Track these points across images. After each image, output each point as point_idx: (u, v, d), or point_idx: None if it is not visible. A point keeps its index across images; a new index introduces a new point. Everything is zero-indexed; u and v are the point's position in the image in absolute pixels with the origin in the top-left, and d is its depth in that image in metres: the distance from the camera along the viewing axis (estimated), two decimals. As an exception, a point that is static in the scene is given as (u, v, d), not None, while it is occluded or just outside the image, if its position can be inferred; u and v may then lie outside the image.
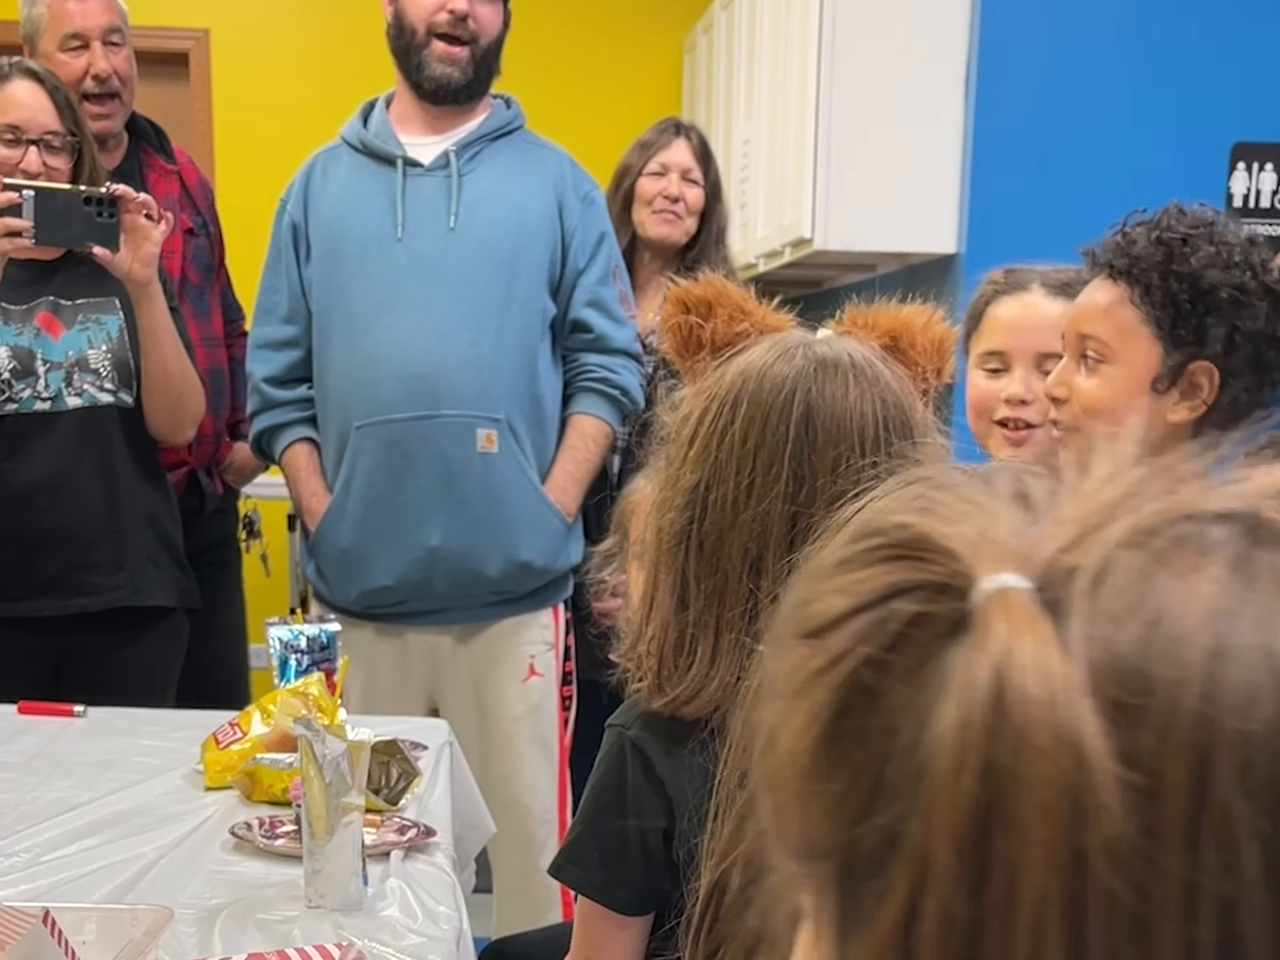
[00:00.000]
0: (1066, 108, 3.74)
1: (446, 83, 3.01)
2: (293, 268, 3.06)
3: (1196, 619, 0.50)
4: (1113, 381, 1.88)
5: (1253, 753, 0.48)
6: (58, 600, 2.81)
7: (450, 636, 3.05)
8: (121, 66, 3.22)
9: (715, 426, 1.45)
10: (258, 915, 1.68)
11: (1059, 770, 0.48)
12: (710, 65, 5.11)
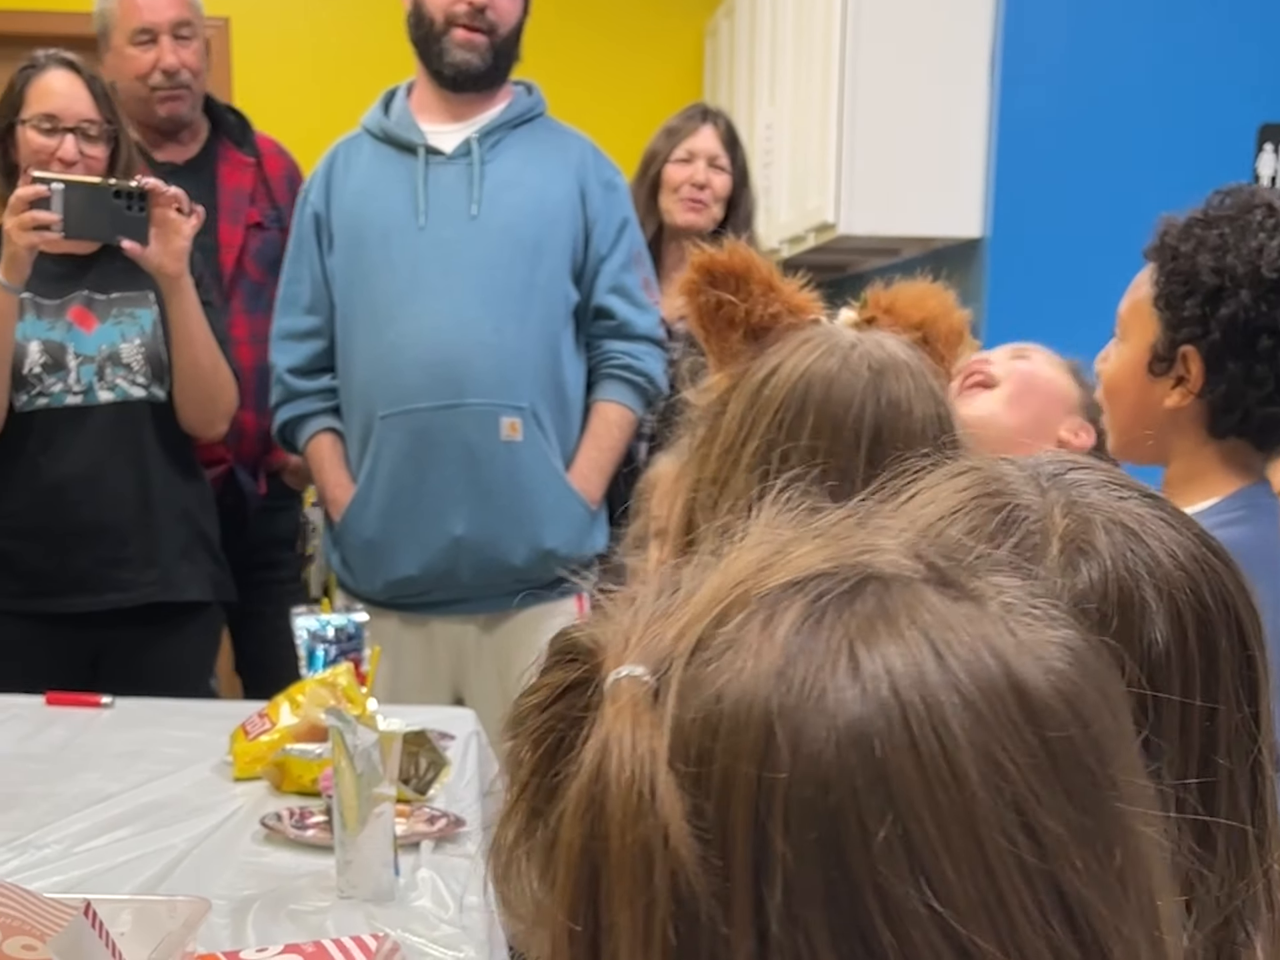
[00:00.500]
0: (1092, 90, 3.72)
1: (466, 69, 3.00)
2: (315, 258, 3.06)
3: (755, 684, 0.54)
4: (1120, 358, 1.87)
5: (794, 800, 0.52)
6: (90, 596, 2.81)
7: (475, 625, 3.04)
8: (190, 60, 3.22)
9: (777, 436, 1.41)
10: (290, 906, 1.67)
11: (638, 835, 0.53)
12: (732, 50, 5.09)
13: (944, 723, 0.53)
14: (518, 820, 0.60)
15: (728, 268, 1.59)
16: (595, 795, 0.54)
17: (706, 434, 1.48)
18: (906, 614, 0.55)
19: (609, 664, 0.58)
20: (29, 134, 2.77)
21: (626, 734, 0.55)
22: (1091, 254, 3.67)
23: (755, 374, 1.47)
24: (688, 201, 3.43)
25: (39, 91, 2.78)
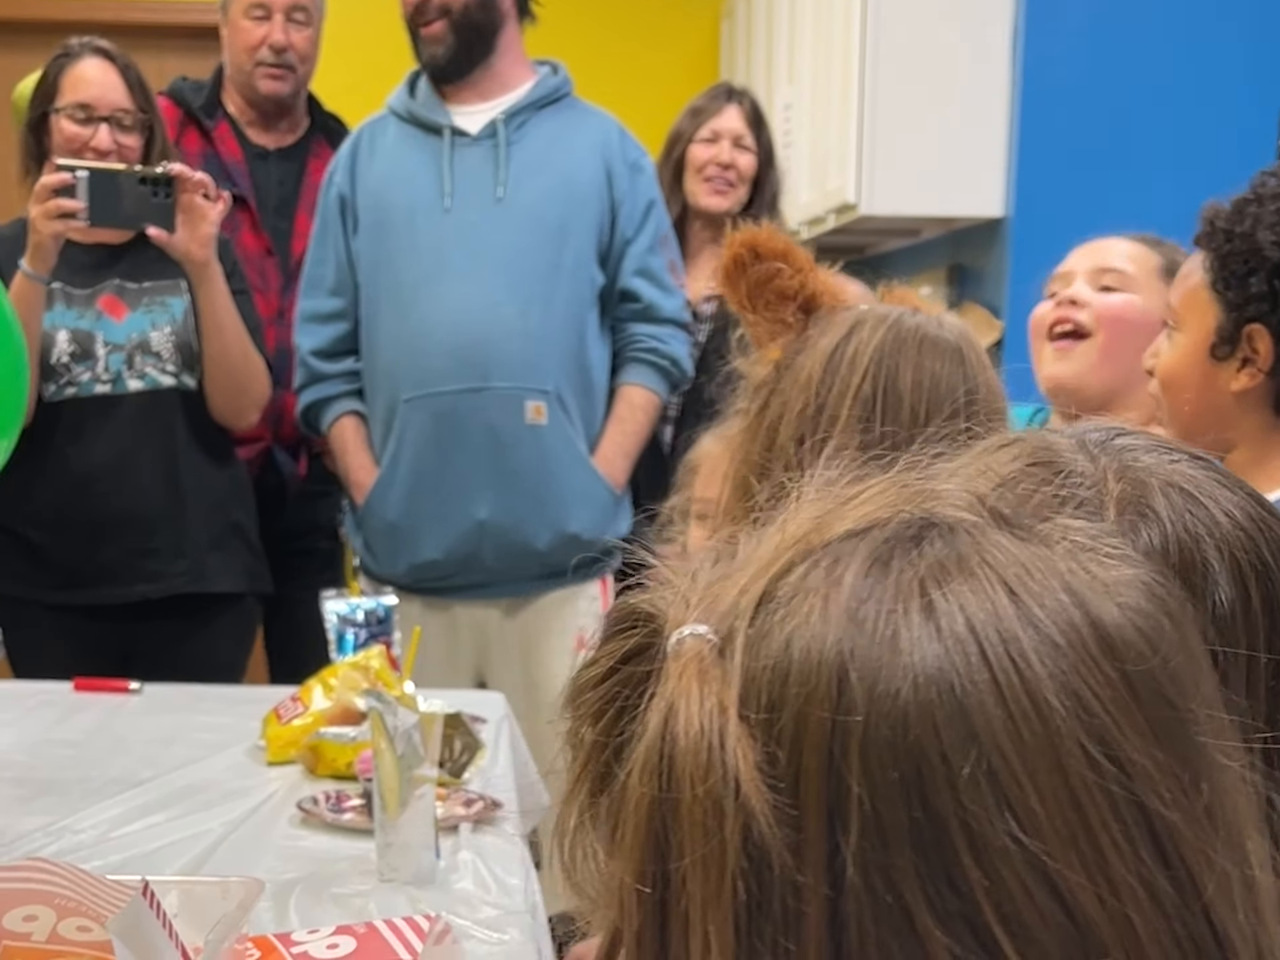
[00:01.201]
0: (1115, 70, 3.70)
1: (434, 62, 3.00)
2: (339, 240, 3.04)
3: (824, 629, 0.53)
4: (1179, 349, 1.84)
5: (871, 742, 0.51)
6: (119, 587, 2.80)
7: (498, 610, 3.03)
8: (300, 43, 3.25)
9: (867, 409, 1.45)
10: (332, 889, 1.66)
11: (709, 787, 0.52)
12: (750, 30, 5.07)
13: (1023, 656, 0.52)
14: (581, 797, 0.60)
15: (770, 246, 1.60)
16: (662, 752, 0.54)
17: (762, 406, 1.48)
18: (977, 555, 0.55)
19: (670, 627, 0.57)
20: (62, 123, 2.76)
21: (693, 688, 0.54)
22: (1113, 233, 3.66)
23: (819, 345, 1.48)
24: (712, 184, 3.41)
25: (73, 80, 2.77)
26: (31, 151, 2.82)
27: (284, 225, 3.18)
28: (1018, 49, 3.71)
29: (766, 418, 1.50)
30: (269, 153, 3.28)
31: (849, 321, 1.51)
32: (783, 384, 1.50)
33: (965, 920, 0.50)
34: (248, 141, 3.25)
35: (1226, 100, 3.65)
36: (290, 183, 3.23)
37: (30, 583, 2.81)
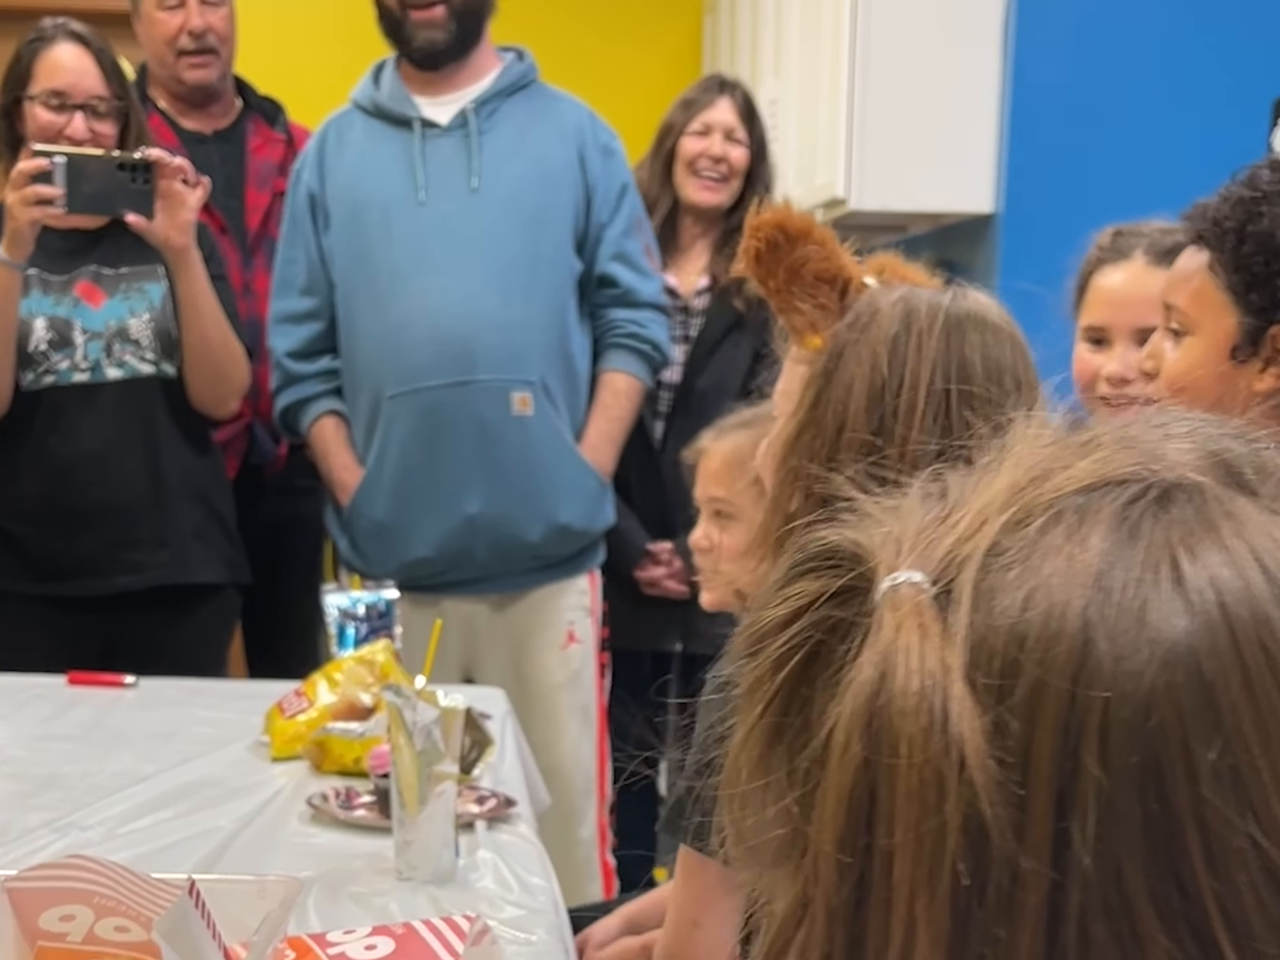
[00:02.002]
0: (1106, 64, 3.69)
1: (432, 48, 2.95)
2: (310, 237, 3.00)
3: (1067, 592, 0.51)
4: (1192, 352, 1.79)
5: (1112, 722, 0.49)
6: (100, 579, 2.76)
7: (487, 604, 3.00)
8: (218, 24, 3.19)
9: (948, 377, 1.45)
10: (350, 888, 1.64)
11: (929, 756, 0.50)
12: (734, 24, 5.05)
13: (1274, 640, 0.49)
14: (756, 746, 0.57)
15: (798, 225, 1.57)
16: (875, 712, 0.51)
17: (815, 399, 1.47)
18: (1228, 524, 0.52)
19: (881, 570, 0.54)
20: (37, 111, 2.71)
21: (912, 643, 0.51)
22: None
23: (873, 333, 1.48)
24: (703, 179, 3.38)
25: (47, 66, 2.71)
26: (4, 137, 2.77)
27: (234, 203, 3.14)
28: (1008, 44, 3.70)
29: (826, 411, 1.48)
30: (206, 137, 3.23)
31: (900, 307, 1.50)
32: (841, 375, 1.48)
33: (1189, 925, 0.48)
34: (183, 129, 3.20)
35: (1217, 97, 3.65)
36: (233, 162, 3.19)
37: (10, 574, 2.77)
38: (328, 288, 2.99)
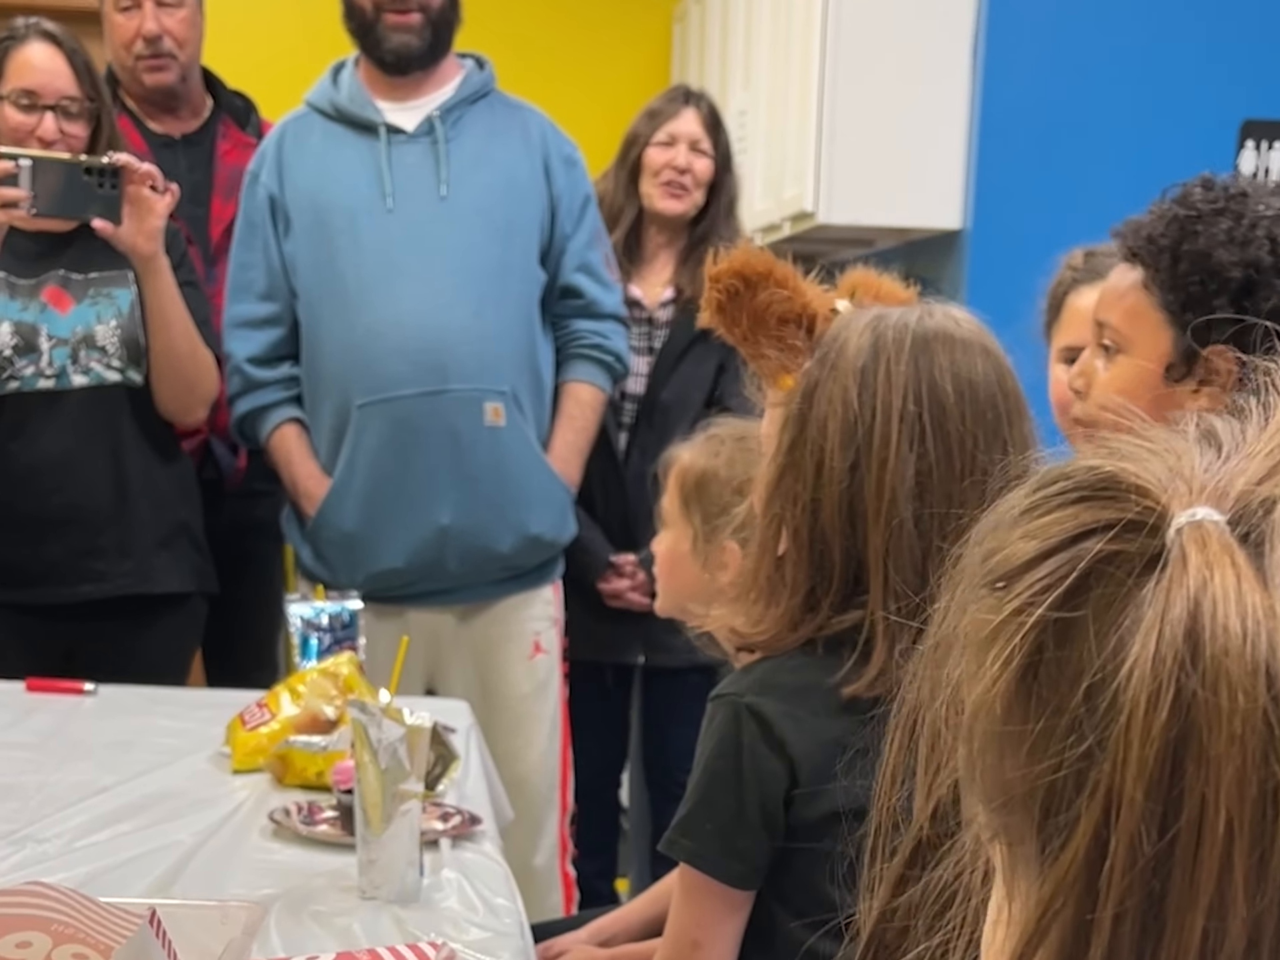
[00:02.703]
0: (1074, 83, 3.70)
1: (406, 52, 2.93)
2: (270, 242, 2.95)
3: None
4: (1125, 371, 1.79)
5: None
6: (63, 587, 2.73)
7: (452, 615, 2.98)
8: (176, 28, 3.15)
9: (920, 405, 1.48)
10: (312, 907, 1.62)
11: (1253, 702, 0.48)
12: (703, 35, 5.04)
13: None
14: (1006, 683, 0.55)
15: (757, 268, 1.58)
16: (1187, 652, 0.49)
17: (794, 439, 1.51)
18: None
19: (1174, 505, 0.53)
20: (6, 110, 2.68)
21: (1230, 584, 0.50)
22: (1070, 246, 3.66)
23: (843, 366, 1.50)
24: (668, 187, 3.37)
25: (18, 65, 2.68)
26: None
27: (200, 212, 3.11)
28: (978, 61, 3.71)
29: (804, 453, 1.50)
30: (175, 141, 3.21)
31: (866, 337, 1.51)
32: (814, 415, 1.50)
33: None
34: (150, 133, 3.18)
35: (1185, 118, 3.67)
36: (200, 169, 3.16)
37: None
38: (288, 294, 2.95)
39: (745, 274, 1.59)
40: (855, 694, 1.47)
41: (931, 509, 1.48)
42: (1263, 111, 3.67)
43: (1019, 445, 1.51)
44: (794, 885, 1.53)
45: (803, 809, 1.50)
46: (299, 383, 2.99)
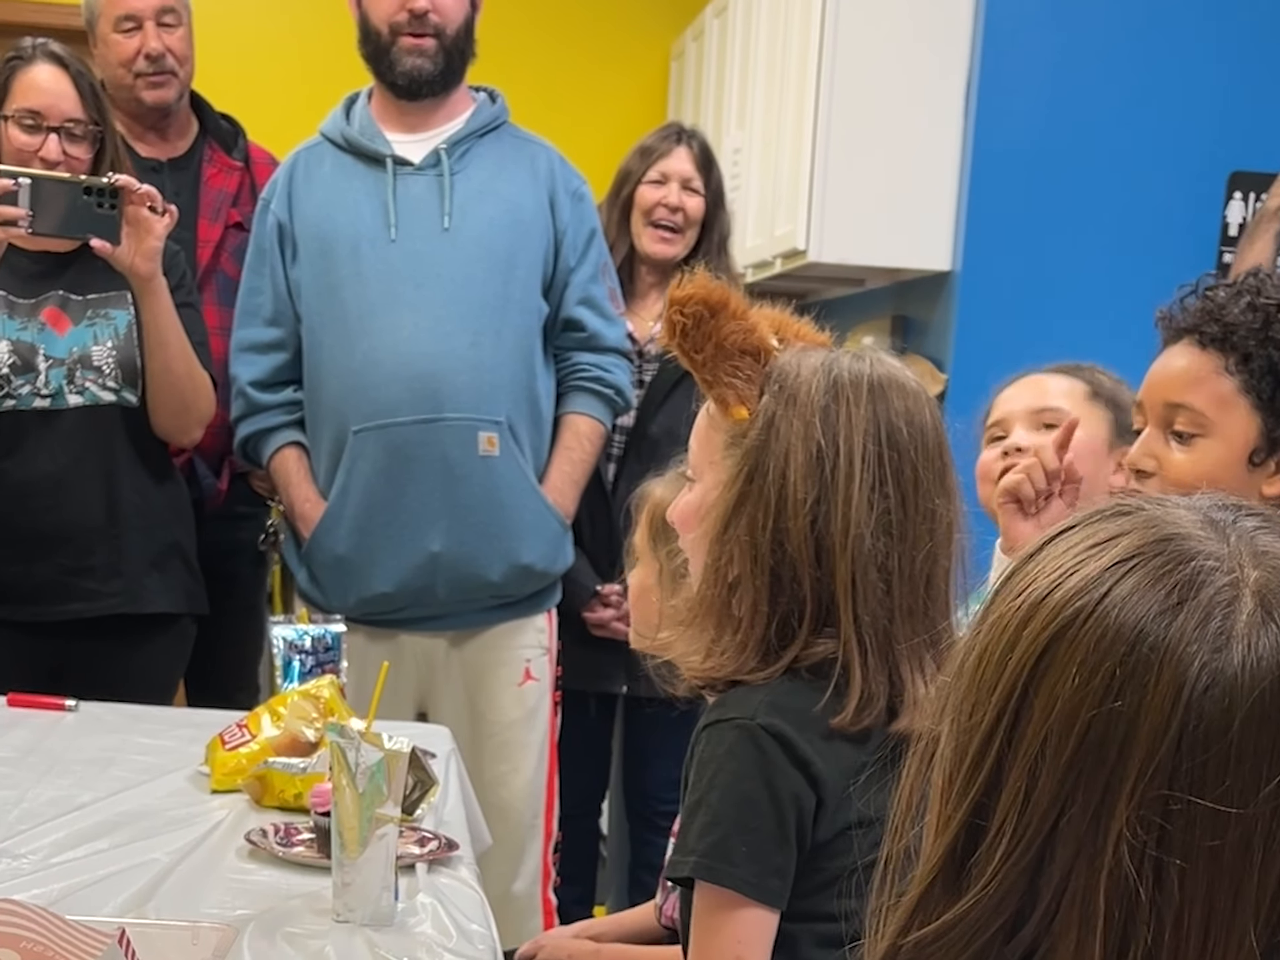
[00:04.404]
0: (1065, 130, 3.73)
1: (418, 75, 2.96)
2: (278, 268, 2.99)
3: None
4: (1208, 455, 1.79)
5: None
6: (53, 605, 2.73)
7: (445, 640, 3.00)
8: (176, 46, 3.18)
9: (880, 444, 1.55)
10: (285, 928, 1.62)
11: None
12: (700, 73, 5.08)
13: None
14: None
15: (716, 297, 1.63)
16: None
17: (753, 469, 1.56)
18: None
19: None
20: (11, 130, 2.69)
21: None
22: (1060, 293, 3.69)
23: (801, 399, 1.56)
24: (659, 231, 3.39)
25: (24, 86, 2.69)
26: None
27: (186, 235, 3.11)
28: (970, 104, 3.74)
29: (764, 481, 1.55)
30: (162, 165, 3.22)
31: (823, 377, 1.57)
32: (775, 446, 1.55)
33: None
34: (137, 157, 3.18)
35: (1174, 166, 3.70)
36: (186, 193, 3.17)
37: None
38: (294, 319, 2.98)
39: (710, 300, 1.63)
40: (842, 725, 1.52)
41: (890, 546, 1.54)
42: (1250, 164, 3.69)
43: (954, 493, 1.60)
44: (804, 899, 1.55)
45: (823, 827, 1.53)
46: (301, 407, 3.01)
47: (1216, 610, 0.75)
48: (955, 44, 3.73)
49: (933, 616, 1.58)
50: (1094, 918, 0.73)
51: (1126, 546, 0.78)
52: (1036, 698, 0.76)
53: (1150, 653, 0.74)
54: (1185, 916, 0.72)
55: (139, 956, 1.22)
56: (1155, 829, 0.72)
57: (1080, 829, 0.74)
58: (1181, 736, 0.72)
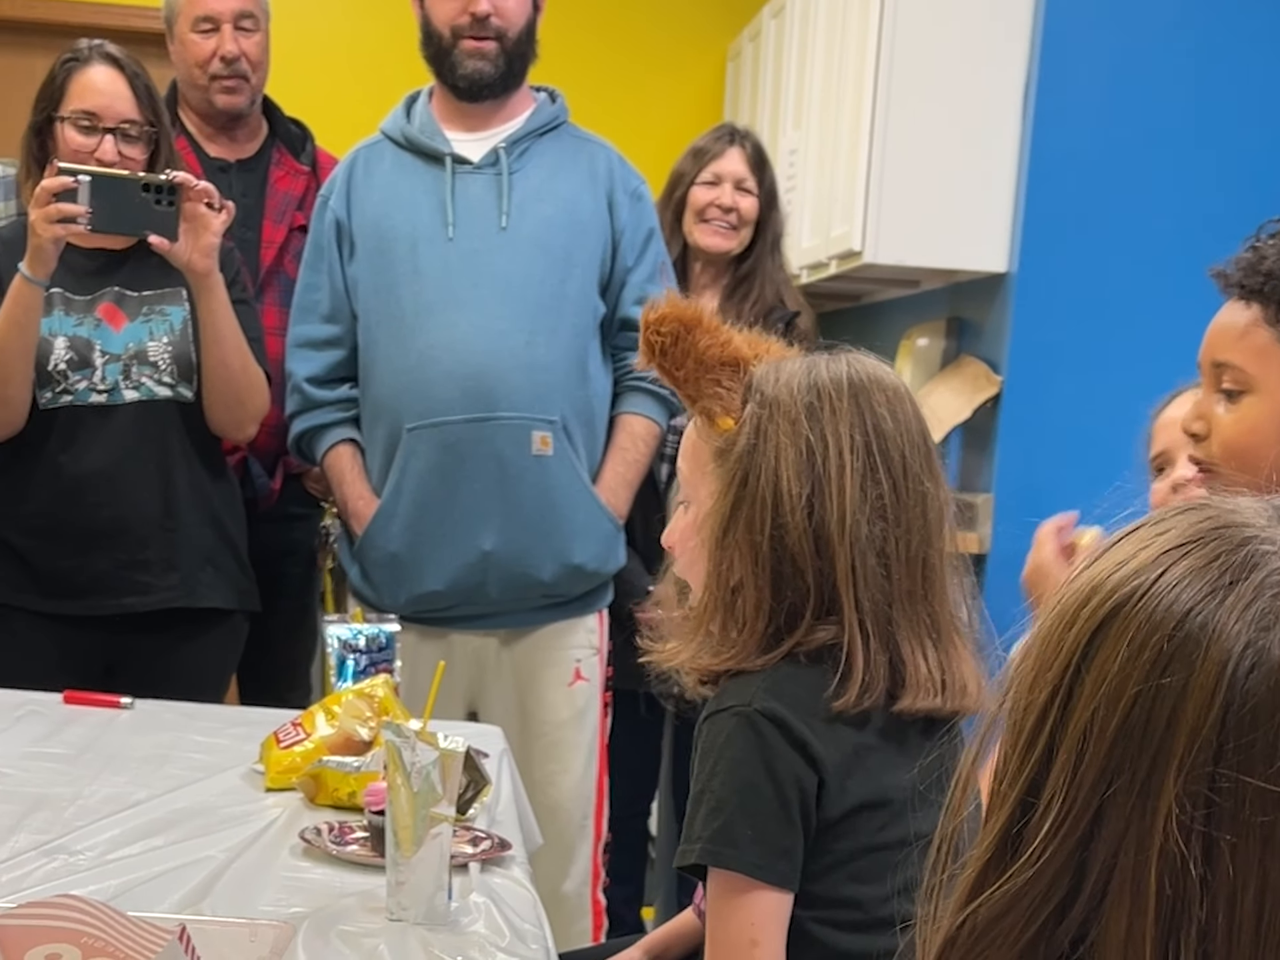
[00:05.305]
0: (1125, 130, 3.70)
1: (479, 78, 2.96)
2: (335, 265, 3.00)
3: None
4: (1251, 411, 1.72)
5: None
6: (107, 599, 2.75)
7: (496, 639, 3.00)
8: (251, 50, 3.20)
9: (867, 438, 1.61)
10: (339, 926, 1.62)
11: None
12: (756, 73, 5.07)
13: None
14: None
15: (688, 314, 1.70)
16: None
17: (745, 475, 1.61)
18: None
19: None
20: (67, 131, 2.71)
21: None
22: (1117, 295, 3.66)
23: (785, 403, 1.62)
24: (712, 225, 3.39)
25: (80, 87, 2.71)
26: (33, 154, 2.76)
27: (251, 235, 3.15)
28: (1029, 104, 3.71)
29: (758, 483, 1.60)
30: (230, 165, 3.24)
31: (805, 378, 1.64)
32: (765, 448, 1.61)
33: None
34: (206, 156, 3.21)
35: (1235, 161, 3.67)
36: (253, 194, 3.20)
37: (17, 588, 2.77)
38: (350, 316, 2.99)
39: (684, 318, 1.70)
40: (844, 708, 1.57)
41: (887, 530, 1.60)
42: (1315, 160, 3.67)
43: (941, 479, 1.67)
44: (813, 883, 1.58)
45: (828, 808, 1.57)
46: (357, 404, 3.02)
47: (1266, 591, 0.75)
48: (1014, 43, 3.71)
49: (931, 599, 1.64)
50: (1145, 897, 0.74)
51: (1184, 533, 0.80)
52: (1088, 674, 0.78)
53: (1199, 630, 0.75)
54: (1239, 895, 0.72)
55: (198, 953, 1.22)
56: (1204, 805, 0.73)
57: (1128, 805, 0.75)
58: (1227, 714, 0.73)
